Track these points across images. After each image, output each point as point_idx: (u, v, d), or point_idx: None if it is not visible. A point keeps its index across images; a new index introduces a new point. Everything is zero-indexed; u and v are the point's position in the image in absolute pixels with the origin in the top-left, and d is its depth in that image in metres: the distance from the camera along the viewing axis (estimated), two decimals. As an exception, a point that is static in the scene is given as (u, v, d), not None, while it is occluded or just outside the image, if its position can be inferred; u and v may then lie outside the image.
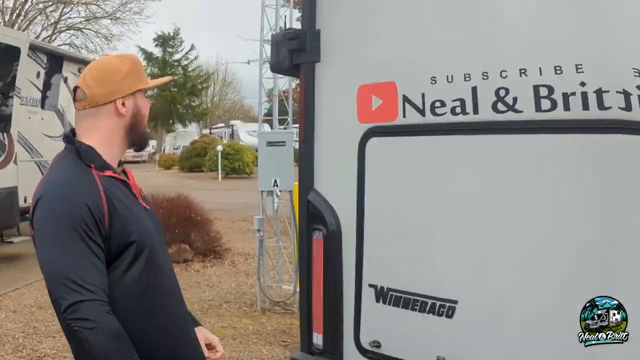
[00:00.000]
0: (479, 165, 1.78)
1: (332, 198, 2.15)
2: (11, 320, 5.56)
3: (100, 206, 1.43)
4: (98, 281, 1.38)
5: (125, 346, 1.39)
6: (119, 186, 1.56)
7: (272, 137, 5.33)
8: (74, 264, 1.37)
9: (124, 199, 1.53)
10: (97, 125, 1.56)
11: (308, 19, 2.23)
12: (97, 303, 1.35)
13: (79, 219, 1.39)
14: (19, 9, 21.61)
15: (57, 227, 1.41)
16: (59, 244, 1.40)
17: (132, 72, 1.59)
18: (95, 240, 1.41)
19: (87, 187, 1.45)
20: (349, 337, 2.15)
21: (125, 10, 23.53)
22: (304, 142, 2.25)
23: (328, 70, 2.19)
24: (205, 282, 6.96)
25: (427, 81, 1.85)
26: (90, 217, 1.40)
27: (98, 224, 1.42)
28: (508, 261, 1.73)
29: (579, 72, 1.57)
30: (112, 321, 1.37)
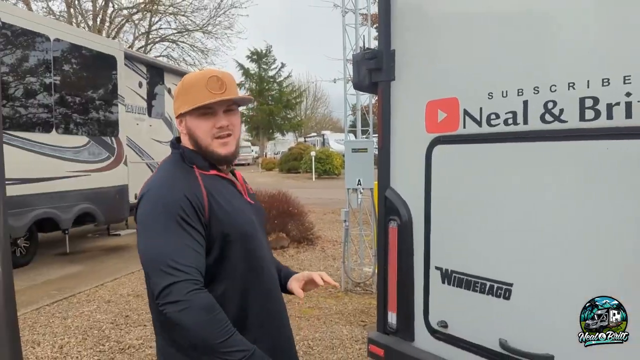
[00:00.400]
0: (527, 167, 1.74)
1: (405, 194, 2.17)
2: (103, 312, 5.13)
3: (200, 198, 1.37)
4: (192, 262, 1.30)
5: (217, 317, 1.28)
6: (224, 183, 1.50)
7: (356, 145, 5.41)
8: (170, 249, 1.29)
9: (225, 194, 1.46)
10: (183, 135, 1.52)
11: (384, 40, 2.20)
12: (188, 283, 1.26)
13: (177, 208, 1.32)
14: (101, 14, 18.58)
15: (157, 217, 1.34)
16: (157, 232, 1.32)
17: (178, 96, 1.50)
18: (194, 226, 1.34)
19: (188, 181, 1.40)
20: (419, 317, 2.13)
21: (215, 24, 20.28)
22: (382, 149, 2.26)
23: (401, 88, 2.18)
24: (298, 265, 6.91)
25: (485, 96, 1.83)
26: (189, 206, 1.34)
27: (198, 213, 1.35)
28: (554, 250, 1.67)
29: (625, 83, 1.50)
30: (202, 297, 1.27)
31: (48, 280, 6.43)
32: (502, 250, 1.83)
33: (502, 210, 1.82)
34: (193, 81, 1.46)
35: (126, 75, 8.88)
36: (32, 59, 6.85)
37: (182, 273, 1.26)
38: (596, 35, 1.57)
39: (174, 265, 1.27)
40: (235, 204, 1.48)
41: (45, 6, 17.77)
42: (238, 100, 1.50)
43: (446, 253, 2.02)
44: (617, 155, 1.53)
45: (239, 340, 1.29)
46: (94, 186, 7.89)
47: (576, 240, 1.62)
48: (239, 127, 1.53)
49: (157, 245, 1.31)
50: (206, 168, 1.48)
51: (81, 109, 7.81)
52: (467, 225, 1.94)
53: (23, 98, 6.74)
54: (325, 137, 38.35)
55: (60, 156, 7.29)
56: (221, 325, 1.27)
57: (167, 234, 1.31)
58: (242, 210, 1.50)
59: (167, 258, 1.27)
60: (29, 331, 4.54)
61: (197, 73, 1.51)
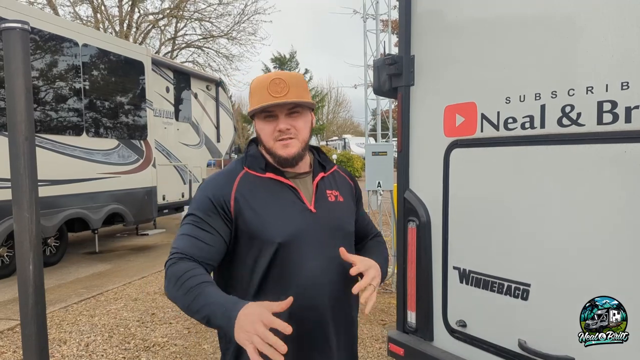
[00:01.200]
0: (543, 170, 1.75)
1: (424, 196, 2.20)
2: (129, 309, 5.19)
3: (227, 199, 1.40)
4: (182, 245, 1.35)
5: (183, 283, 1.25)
6: (274, 188, 1.46)
7: (376, 149, 5.44)
8: (177, 237, 1.39)
9: (266, 199, 1.43)
10: None
11: (404, 45, 2.23)
12: (168, 262, 1.33)
13: (199, 207, 1.41)
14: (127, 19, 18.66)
15: (187, 212, 1.44)
16: (182, 223, 1.43)
17: (249, 97, 1.49)
18: (207, 221, 1.38)
19: (221, 183, 1.44)
20: (438, 317, 2.14)
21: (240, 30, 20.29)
22: (402, 152, 2.28)
23: (421, 93, 2.20)
24: None
25: (502, 101, 1.85)
26: (209, 206, 1.39)
27: (219, 210, 1.39)
28: (571, 251, 1.67)
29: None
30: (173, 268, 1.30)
31: (77, 279, 6.59)
32: (519, 251, 1.83)
33: (519, 212, 1.83)
34: (259, 84, 1.44)
35: (154, 80, 9.10)
36: (61, 63, 7.05)
37: (173, 255, 1.34)
38: (615, 38, 1.57)
39: (172, 251, 1.36)
40: (275, 210, 1.42)
41: (72, 11, 18.13)
42: (298, 103, 1.43)
43: (464, 253, 2.04)
44: (635, 158, 1.53)
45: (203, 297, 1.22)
46: (123, 187, 8.09)
47: (594, 242, 1.62)
48: (304, 130, 1.47)
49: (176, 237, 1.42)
50: (262, 171, 1.47)
51: (110, 113, 8.01)
52: (484, 226, 1.96)
53: (54, 102, 6.95)
54: (347, 141, 38.28)
55: (91, 158, 7.48)
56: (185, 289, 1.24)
57: (183, 225, 1.42)
58: (285, 218, 1.42)
59: (173, 244, 1.38)
60: (56, 329, 4.66)
61: (264, 75, 1.46)
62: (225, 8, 19.88)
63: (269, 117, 1.44)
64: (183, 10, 19.30)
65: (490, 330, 1.95)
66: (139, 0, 18.59)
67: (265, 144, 1.46)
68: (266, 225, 1.40)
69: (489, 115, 1.91)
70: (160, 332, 4.56)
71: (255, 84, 1.45)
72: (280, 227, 1.41)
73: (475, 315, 2.01)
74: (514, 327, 1.85)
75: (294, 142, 1.44)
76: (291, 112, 1.44)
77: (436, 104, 2.11)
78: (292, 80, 1.43)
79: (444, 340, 2.13)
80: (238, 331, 1.13)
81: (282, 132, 1.43)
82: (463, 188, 2.03)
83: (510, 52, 1.85)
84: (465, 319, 2.03)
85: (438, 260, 2.13)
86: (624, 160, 1.55)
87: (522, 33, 1.82)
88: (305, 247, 1.43)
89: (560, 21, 1.71)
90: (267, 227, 1.40)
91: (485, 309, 1.95)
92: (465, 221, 2.03)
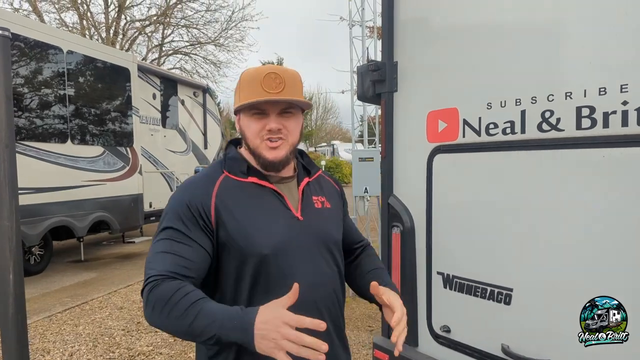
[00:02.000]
0: (524, 175, 1.76)
1: (407, 201, 2.20)
2: (114, 318, 5.13)
3: (206, 206, 1.25)
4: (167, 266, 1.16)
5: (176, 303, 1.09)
6: (258, 193, 1.33)
7: (363, 154, 5.47)
8: (153, 252, 1.21)
9: (249, 205, 1.30)
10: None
11: (387, 52, 2.23)
12: (149, 285, 1.13)
13: (176, 217, 1.24)
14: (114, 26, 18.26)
15: (162, 221, 1.27)
16: (156, 237, 1.25)
17: (237, 89, 1.34)
18: (186, 234, 1.22)
19: (199, 189, 1.29)
20: (423, 322, 2.14)
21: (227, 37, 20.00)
22: (385, 158, 2.28)
23: (404, 99, 2.21)
24: None
25: (484, 107, 1.86)
26: (188, 214, 1.24)
27: (198, 220, 1.24)
28: (552, 255, 1.68)
29: (622, 92, 1.51)
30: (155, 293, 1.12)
31: (61, 288, 6.49)
32: (501, 255, 1.84)
33: (501, 217, 1.84)
34: (251, 76, 1.29)
35: (140, 87, 9.04)
36: (45, 70, 6.98)
37: (149, 277, 1.15)
38: (593, 45, 1.59)
39: (147, 272, 1.17)
40: (260, 219, 1.29)
41: (58, 18, 17.96)
42: (295, 102, 1.31)
43: (447, 258, 2.04)
44: (613, 162, 1.54)
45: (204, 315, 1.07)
46: (109, 195, 8.01)
47: (574, 245, 1.63)
48: (295, 133, 1.34)
49: (150, 253, 1.23)
50: (243, 175, 1.33)
51: (96, 120, 7.94)
52: (466, 231, 1.96)
53: (38, 109, 6.87)
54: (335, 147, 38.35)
55: (76, 166, 7.40)
56: (179, 312, 1.08)
57: (157, 240, 1.23)
58: (271, 227, 1.30)
59: (148, 264, 1.19)
60: (40, 339, 4.58)
61: (257, 67, 1.33)
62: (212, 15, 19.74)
63: (259, 115, 1.29)
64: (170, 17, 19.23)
65: (474, 335, 1.95)
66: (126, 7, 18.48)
67: (251, 143, 1.32)
68: (250, 236, 1.26)
69: (471, 120, 1.92)
70: (146, 340, 4.50)
71: (247, 76, 1.30)
72: (265, 238, 1.28)
73: (459, 321, 2.01)
74: (497, 331, 1.85)
75: (283, 144, 1.31)
76: (284, 112, 1.30)
77: (419, 110, 2.12)
78: (289, 77, 1.29)
79: (429, 345, 2.13)
80: (261, 341, 1.02)
81: (271, 131, 1.29)
82: (446, 193, 2.04)
83: (491, 59, 1.87)
84: (450, 324, 2.03)
85: (422, 266, 2.13)
86: (602, 164, 1.56)
87: (502, 40, 1.84)
88: (293, 258, 1.30)
89: (540, 28, 1.73)
90: (252, 238, 1.26)
91: (468, 314, 1.96)
92: (448, 226, 2.03)
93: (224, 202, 1.27)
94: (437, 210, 2.06)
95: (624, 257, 1.53)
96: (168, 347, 4.33)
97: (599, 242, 1.58)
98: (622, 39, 1.53)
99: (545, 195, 1.70)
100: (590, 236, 1.60)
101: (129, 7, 18.75)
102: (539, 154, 1.71)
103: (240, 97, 1.30)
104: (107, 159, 8.06)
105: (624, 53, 1.52)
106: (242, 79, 1.31)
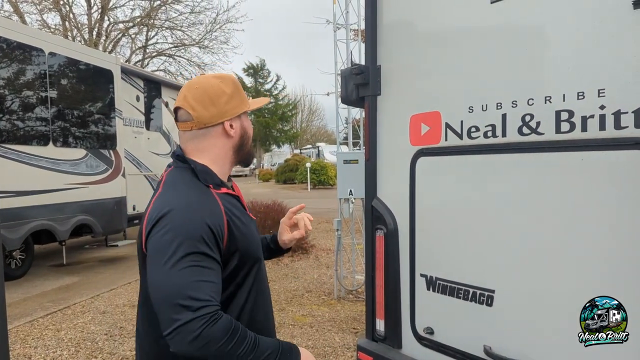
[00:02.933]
0: (505, 178, 1.78)
1: (391, 204, 2.20)
2: (97, 323, 5.05)
3: (222, 225, 1.28)
4: (211, 294, 1.18)
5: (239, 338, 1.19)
6: (233, 202, 1.41)
7: (348, 157, 5.47)
8: (187, 281, 1.16)
9: (240, 216, 1.39)
10: (206, 145, 1.39)
11: (370, 55, 2.23)
12: (201, 320, 1.13)
13: (198, 239, 1.21)
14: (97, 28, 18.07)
15: (177, 247, 1.19)
16: (174, 263, 1.17)
17: (235, 94, 1.40)
18: (214, 257, 1.24)
19: (209, 207, 1.29)
20: (407, 324, 2.14)
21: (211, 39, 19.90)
22: (369, 161, 2.29)
23: (387, 102, 2.21)
24: (292, 274, 6.96)
25: (466, 110, 1.87)
26: (211, 237, 1.24)
27: (218, 242, 1.26)
28: (533, 256, 1.70)
29: (600, 96, 1.53)
30: (217, 326, 1.15)
31: (43, 292, 6.38)
32: (483, 257, 1.85)
33: (483, 219, 1.85)
34: (237, 81, 1.44)
35: (123, 89, 8.94)
36: (27, 72, 6.87)
37: (199, 309, 1.14)
38: (571, 50, 1.62)
39: (190, 300, 1.14)
40: (247, 225, 1.40)
41: (40, 19, 17.66)
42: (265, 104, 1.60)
43: (430, 260, 2.05)
44: (591, 165, 1.56)
45: (263, 343, 1.25)
46: (91, 198, 7.90)
47: (554, 247, 1.65)
48: None
49: (171, 281, 1.16)
50: (218, 187, 1.38)
51: (78, 122, 7.82)
52: (449, 233, 1.97)
53: (19, 112, 6.75)
54: (320, 149, 38.37)
55: (58, 169, 7.28)
56: (246, 343, 1.19)
57: (185, 267, 1.17)
58: (253, 231, 1.43)
59: (183, 293, 1.14)
60: (21, 344, 4.50)
61: (229, 75, 1.45)
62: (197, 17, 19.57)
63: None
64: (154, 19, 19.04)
65: (457, 336, 1.95)
66: (109, 9, 18.24)
67: (248, 144, 1.48)
68: (251, 242, 1.40)
69: (453, 124, 1.93)
70: (129, 345, 4.44)
71: (236, 81, 1.45)
72: (256, 242, 1.45)
73: (442, 322, 2.01)
74: (479, 333, 1.86)
75: None
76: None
77: (402, 113, 2.13)
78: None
79: (412, 347, 2.13)
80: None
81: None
82: (429, 196, 2.05)
83: (472, 63, 1.88)
84: (433, 326, 2.04)
85: (406, 268, 2.13)
86: (581, 167, 1.58)
87: (483, 44, 1.86)
88: (263, 260, 1.53)
89: (521, 33, 1.75)
90: (252, 244, 1.41)
91: (451, 316, 1.96)
92: (431, 229, 2.04)
93: (230, 216, 1.34)
94: (420, 212, 2.07)
95: (603, 257, 1.55)
96: (152, 352, 4.26)
97: (578, 243, 1.60)
98: (599, 44, 1.55)
99: (525, 197, 1.72)
100: (569, 237, 1.61)
101: (112, 9, 18.54)
102: (520, 157, 1.73)
103: (244, 100, 1.44)
104: (90, 161, 7.94)
105: (601, 58, 1.55)
106: (236, 82, 1.43)
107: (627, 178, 1.49)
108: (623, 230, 1.50)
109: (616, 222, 1.52)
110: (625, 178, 1.50)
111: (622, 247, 1.50)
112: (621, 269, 1.51)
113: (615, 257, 1.52)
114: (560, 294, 1.63)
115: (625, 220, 1.50)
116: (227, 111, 1.38)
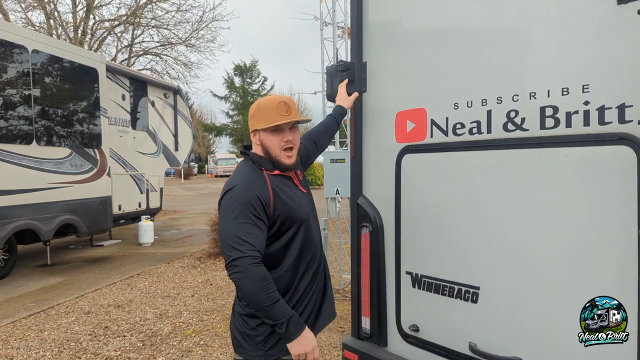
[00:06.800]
0: (490, 173, 1.76)
1: (376, 201, 2.19)
2: (81, 323, 4.94)
3: (267, 195, 1.75)
4: (254, 242, 1.67)
5: (267, 286, 1.65)
6: (283, 181, 1.87)
7: (335, 156, 5.44)
8: (239, 231, 1.67)
9: (287, 190, 1.85)
10: (253, 145, 1.92)
11: (356, 53, 2.22)
12: (247, 259, 1.64)
13: (249, 205, 1.70)
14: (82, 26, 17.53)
15: (235, 209, 1.71)
16: (233, 219, 1.70)
17: (254, 115, 1.88)
18: (261, 218, 1.72)
19: (259, 182, 1.78)
20: (392, 322, 2.13)
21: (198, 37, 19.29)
22: (355, 158, 2.27)
23: (373, 99, 2.20)
24: None
25: (451, 107, 1.86)
26: (258, 203, 1.72)
27: (265, 208, 1.73)
28: (517, 253, 1.69)
29: (584, 92, 1.52)
30: (258, 270, 1.65)
31: (26, 293, 6.26)
32: (467, 254, 1.84)
33: (468, 216, 1.84)
34: (266, 104, 1.85)
35: (109, 87, 8.81)
36: (9, 70, 6.73)
37: (246, 250, 1.65)
38: (556, 47, 1.61)
39: (240, 243, 1.66)
40: (293, 196, 1.86)
41: (24, 17, 17.31)
42: (300, 121, 1.91)
43: (415, 258, 2.03)
44: (575, 161, 1.55)
45: (281, 306, 1.69)
46: (76, 197, 7.76)
47: (538, 243, 1.64)
48: (299, 141, 1.94)
49: (230, 228, 1.70)
50: (271, 169, 1.86)
51: (62, 121, 7.68)
52: (434, 230, 1.96)
53: (1, 110, 6.60)
54: (308, 149, 38.17)
55: (41, 168, 7.14)
56: (269, 293, 1.66)
57: (238, 221, 1.69)
58: (300, 200, 1.88)
59: (236, 237, 1.67)
60: (3, 345, 4.40)
61: (269, 98, 1.88)
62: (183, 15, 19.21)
63: (276, 131, 1.84)
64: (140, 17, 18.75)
65: (442, 333, 1.94)
66: (94, 7, 17.96)
67: (272, 152, 1.85)
68: (295, 208, 1.83)
69: (438, 121, 1.91)
70: (114, 345, 4.37)
71: (264, 104, 1.86)
72: (301, 208, 1.86)
73: (427, 320, 2.00)
74: (464, 330, 1.85)
75: (294, 152, 1.88)
76: (292, 127, 1.87)
77: (388, 110, 2.11)
78: (292, 102, 1.88)
79: (398, 345, 2.11)
80: (300, 340, 1.72)
81: (288, 142, 1.85)
82: (414, 193, 2.03)
83: (457, 60, 1.87)
84: (418, 324, 2.02)
85: (391, 266, 2.11)
86: (565, 163, 1.57)
87: (468, 41, 1.84)
88: (311, 224, 1.92)
89: (505, 30, 1.74)
90: (296, 210, 1.83)
91: (437, 313, 1.95)
92: (416, 226, 2.02)
93: (275, 190, 1.79)
94: (405, 210, 2.05)
95: (587, 254, 1.54)
96: (136, 352, 4.20)
97: (562, 239, 1.59)
98: (582, 40, 1.54)
99: (509, 193, 1.71)
100: (554, 233, 1.60)
101: (97, 7, 18.22)
102: (505, 153, 1.71)
103: (261, 120, 1.85)
104: (74, 160, 7.81)
105: (584, 54, 1.54)
106: (260, 106, 1.87)
107: (611, 173, 1.49)
108: (606, 225, 1.49)
109: (600, 217, 1.51)
110: (610, 173, 1.49)
111: (606, 242, 1.49)
112: (605, 264, 1.50)
113: (599, 252, 1.51)
114: (545, 290, 1.62)
115: (609, 215, 1.49)
116: (251, 126, 1.91)
